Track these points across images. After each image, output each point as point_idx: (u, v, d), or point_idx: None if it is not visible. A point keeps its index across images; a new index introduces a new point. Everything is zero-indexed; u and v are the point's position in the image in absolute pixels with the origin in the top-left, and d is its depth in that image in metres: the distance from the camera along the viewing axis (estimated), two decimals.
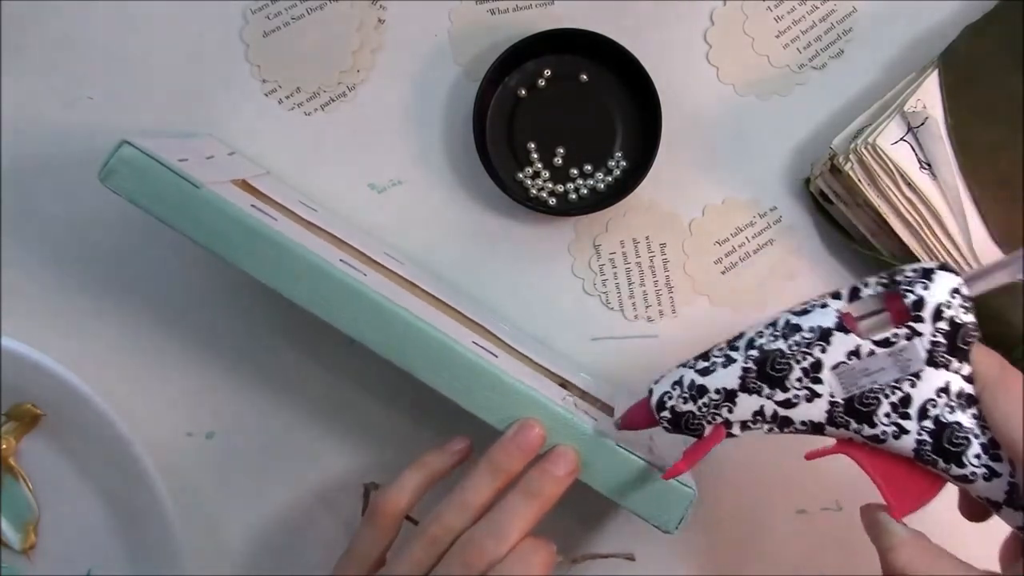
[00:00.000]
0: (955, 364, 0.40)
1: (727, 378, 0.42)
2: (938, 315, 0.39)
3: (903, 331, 0.40)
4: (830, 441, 0.44)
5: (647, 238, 0.56)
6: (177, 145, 0.49)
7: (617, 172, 0.54)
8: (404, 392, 0.56)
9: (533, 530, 0.44)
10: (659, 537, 0.55)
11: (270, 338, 0.56)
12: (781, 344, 0.41)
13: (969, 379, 0.40)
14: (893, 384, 0.40)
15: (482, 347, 0.47)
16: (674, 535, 0.46)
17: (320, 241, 0.48)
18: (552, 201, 0.55)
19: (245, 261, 0.45)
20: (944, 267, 0.40)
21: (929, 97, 0.51)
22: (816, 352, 0.41)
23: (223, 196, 0.45)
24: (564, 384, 0.51)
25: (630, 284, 0.56)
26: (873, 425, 0.41)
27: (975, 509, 0.44)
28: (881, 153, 0.50)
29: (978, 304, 0.50)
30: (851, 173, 0.51)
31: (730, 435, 0.43)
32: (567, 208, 0.55)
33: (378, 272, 0.49)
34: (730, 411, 0.42)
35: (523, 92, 0.54)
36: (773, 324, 0.42)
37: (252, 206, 0.46)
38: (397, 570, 0.44)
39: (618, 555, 0.54)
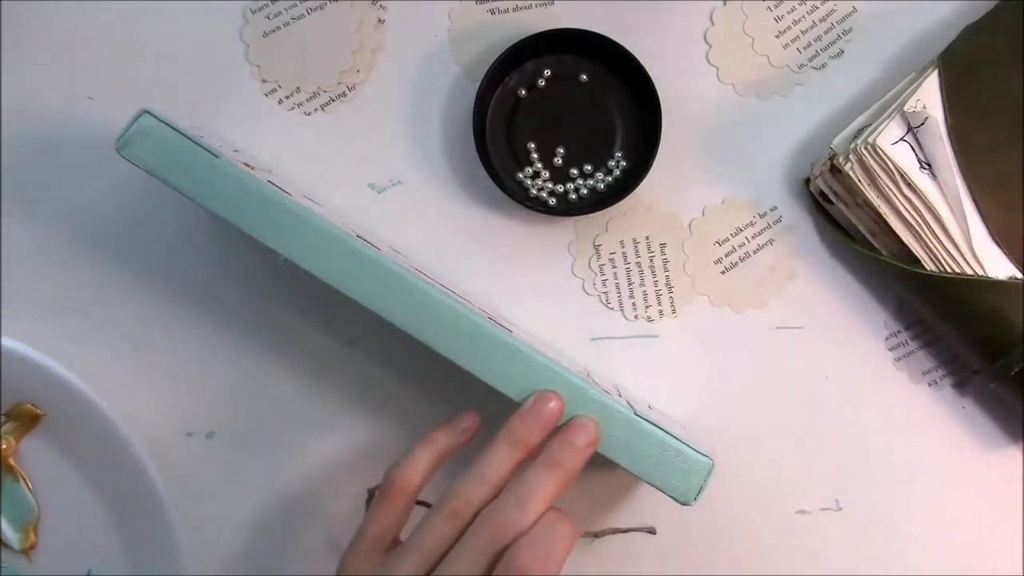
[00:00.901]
0: None
1: None
2: None
3: None
4: None
5: (647, 238, 0.56)
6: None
7: (617, 172, 0.54)
8: (407, 393, 0.56)
9: (555, 503, 0.44)
10: (661, 535, 0.55)
11: (272, 338, 0.56)
12: None
13: None
14: None
15: (497, 323, 0.47)
16: (692, 506, 0.46)
17: (333, 222, 0.48)
18: (552, 201, 0.55)
19: (264, 232, 0.45)
20: None
21: (929, 97, 0.51)
22: None
23: (241, 167, 0.45)
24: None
25: (630, 284, 0.56)
26: None
27: None
28: (881, 153, 0.50)
29: (978, 304, 0.50)
30: (851, 173, 0.51)
31: None
32: (567, 208, 0.55)
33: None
34: None
35: (523, 92, 0.54)
36: None
37: (269, 181, 0.46)
38: (420, 545, 0.43)
39: (639, 529, 0.53)
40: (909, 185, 0.50)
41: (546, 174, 0.54)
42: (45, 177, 0.55)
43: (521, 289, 0.56)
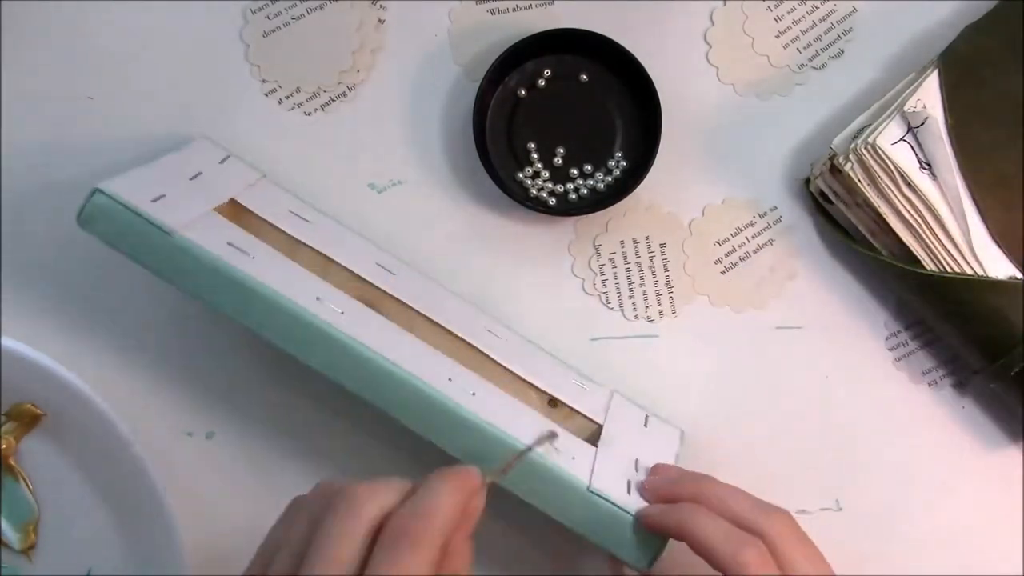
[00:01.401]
0: None
1: None
2: None
3: None
4: None
5: (647, 238, 0.56)
6: (160, 171, 0.49)
7: (617, 172, 0.54)
8: None
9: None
10: None
11: None
12: None
13: None
14: None
15: (459, 384, 0.47)
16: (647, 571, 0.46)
17: (300, 270, 0.48)
18: (552, 201, 0.55)
19: (218, 304, 0.45)
20: None
21: (929, 97, 0.51)
22: None
23: (194, 241, 0.45)
24: (552, 402, 0.51)
25: (630, 284, 0.56)
26: None
27: None
28: (881, 153, 0.50)
29: (978, 304, 0.50)
30: (851, 173, 0.51)
31: None
32: (567, 208, 0.55)
33: (359, 299, 0.49)
34: None
35: (523, 92, 0.54)
36: None
37: (229, 243, 0.46)
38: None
39: (542, 441, 0.47)
40: (909, 185, 0.50)
41: (546, 174, 0.54)
42: (45, 178, 0.55)
43: (521, 289, 0.56)
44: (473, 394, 0.47)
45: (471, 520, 0.38)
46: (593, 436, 0.50)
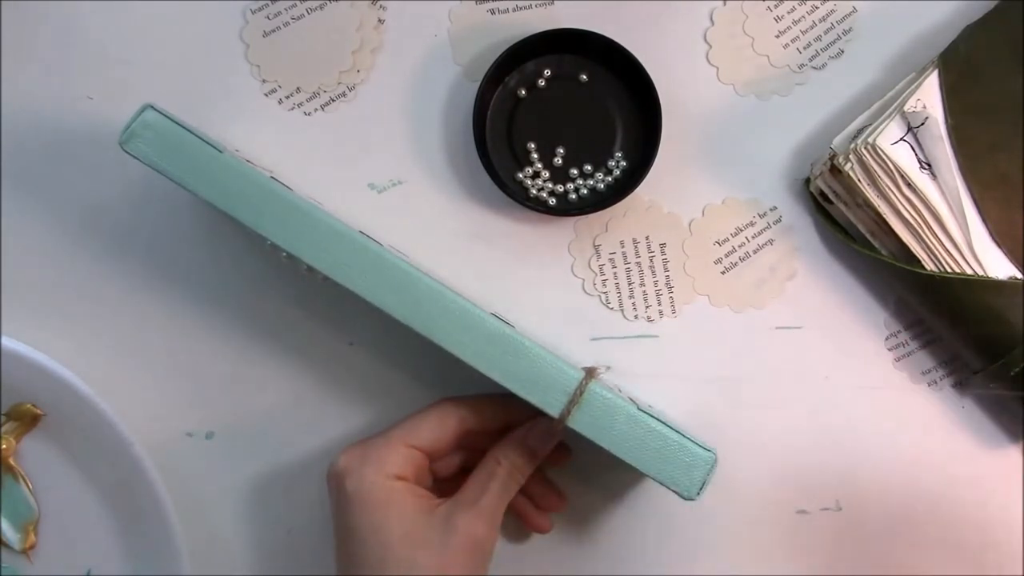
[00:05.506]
0: None
1: None
2: None
3: None
4: None
5: (647, 238, 0.56)
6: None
7: (617, 172, 0.54)
8: (407, 394, 0.56)
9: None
10: (662, 535, 0.55)
11: (272, 338, 0.56)
12: None
13: None
14: None
15: (500, 318, 0.48)
16: (696, 501, 0.46)
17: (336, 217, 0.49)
18: (552, 201, 0.55)
19: (267, 226, 0.45)
20: None
21: (929, 97, 0.51)
22: None
23: (244, 162, 0.45)
24: None
25: (630, 284, 0.56)
26: None
27: None
28: (881, 153, 0.50)
29: (978, 304, 0.50)
30: (851, 173, 0.51)
31: None
32: (567, 208, 0.55)
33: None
34: None
35: (523, 92, 0.54)
36: None
37: (272, 178, 0.47)
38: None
39: (591, 372, 0.49)
40: (909, 185, 0.50)
41: (546, 174, 0.54)
42: (45, 178, 0.55)
43: (521, 289, 0.56)
44: (513, 326, 0.47)
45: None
46: None
